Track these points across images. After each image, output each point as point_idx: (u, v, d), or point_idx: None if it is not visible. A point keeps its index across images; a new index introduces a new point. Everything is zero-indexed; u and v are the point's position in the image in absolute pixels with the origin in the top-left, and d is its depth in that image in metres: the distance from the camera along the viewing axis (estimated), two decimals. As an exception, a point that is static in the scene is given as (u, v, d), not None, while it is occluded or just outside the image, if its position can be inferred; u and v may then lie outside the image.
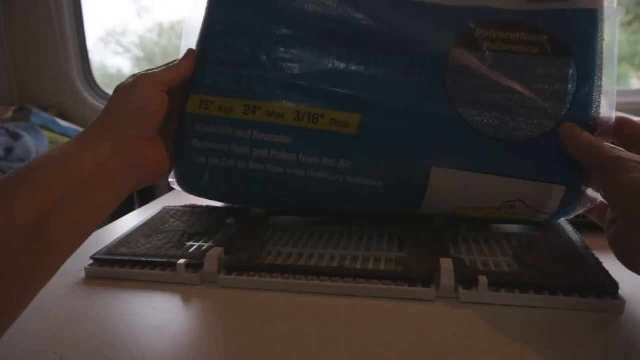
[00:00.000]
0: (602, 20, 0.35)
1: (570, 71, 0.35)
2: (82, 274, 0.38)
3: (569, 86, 0.35)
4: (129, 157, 0.34)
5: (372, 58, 0.37)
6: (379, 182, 0.38)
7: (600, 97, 0.35)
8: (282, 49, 0.38)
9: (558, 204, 0.36)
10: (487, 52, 0.36)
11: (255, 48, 0.38)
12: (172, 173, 0.43)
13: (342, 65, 0.37)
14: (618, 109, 0.35)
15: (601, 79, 0.35)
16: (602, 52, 0.35)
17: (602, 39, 0.35)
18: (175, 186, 0.44)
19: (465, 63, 0.36)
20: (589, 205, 0.37)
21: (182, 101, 0.39)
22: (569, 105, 0.35)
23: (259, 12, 0.39)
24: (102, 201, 0.32)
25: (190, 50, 0.40)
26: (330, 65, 0.37)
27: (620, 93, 0.35)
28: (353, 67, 0.37)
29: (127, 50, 1.43)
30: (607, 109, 0.35)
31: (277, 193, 0.40)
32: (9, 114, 1.11)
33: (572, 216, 0.39)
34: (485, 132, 0.35)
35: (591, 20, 0.35)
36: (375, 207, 0.41)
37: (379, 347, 0.28)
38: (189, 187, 0.43)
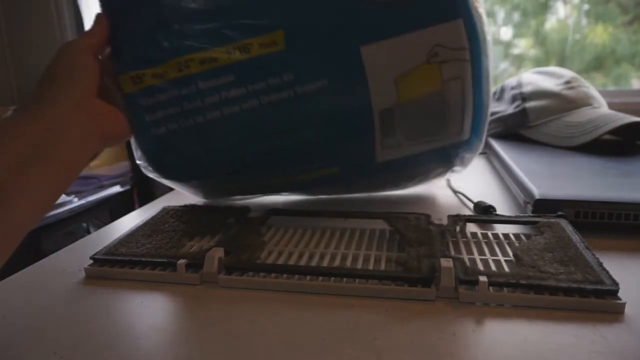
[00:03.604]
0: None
1: None
2: (82, 274, 0.38)
3: None
4: (77, 110, 0.34)
5: None
6: (324, 79, 0.40)
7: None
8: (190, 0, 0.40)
9: (466, 39, 0.41)
10: None
11: (164, 8, 0.40)
12: (141, 157, 0.43)
13: None
14: (618, 109, 0.35)
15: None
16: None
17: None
18: (148, 172, 0.44)
19: None
20: None
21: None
22: None
23: None
24: (66, 159, 0.33)
25: (97, 15, 0.41)
26: None
27: (620, 93, 0.35)
28: None
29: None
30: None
31: (244, 137, 0.42)
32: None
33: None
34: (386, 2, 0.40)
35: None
36: (333, 120, 0.42)
37: (379, 347, 0.28)
38: (159, 165, 0.43)
